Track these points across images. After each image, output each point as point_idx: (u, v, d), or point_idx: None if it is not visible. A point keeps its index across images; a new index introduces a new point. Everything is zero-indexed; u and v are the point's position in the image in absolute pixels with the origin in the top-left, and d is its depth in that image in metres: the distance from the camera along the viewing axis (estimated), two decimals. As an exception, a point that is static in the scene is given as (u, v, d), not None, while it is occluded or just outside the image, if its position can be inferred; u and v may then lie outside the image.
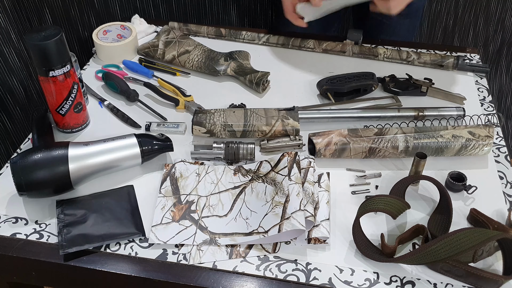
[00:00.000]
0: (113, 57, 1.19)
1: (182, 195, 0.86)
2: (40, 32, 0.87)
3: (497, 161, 0.95)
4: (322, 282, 0.74)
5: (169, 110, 1.06)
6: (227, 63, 1.14)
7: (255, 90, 1.10)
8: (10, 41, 1.29)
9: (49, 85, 0.91)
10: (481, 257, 0.76)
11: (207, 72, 1.15)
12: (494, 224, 0.79)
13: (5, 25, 1.26)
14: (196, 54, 1.17)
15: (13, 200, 0.86)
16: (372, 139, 0.92)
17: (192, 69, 1.16)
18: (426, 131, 0.93)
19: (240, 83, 1.13)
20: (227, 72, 1.14)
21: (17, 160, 0.81)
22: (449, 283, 0.74)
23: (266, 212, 0.81)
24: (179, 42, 1.19)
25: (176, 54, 1.17)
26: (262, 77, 1.09)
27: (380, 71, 1.15)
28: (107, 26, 1.22)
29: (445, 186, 0.88)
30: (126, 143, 0.89)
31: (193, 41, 1.20)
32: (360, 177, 0.91)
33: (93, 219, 0.82)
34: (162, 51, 1.18)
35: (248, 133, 0.96)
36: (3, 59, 1.28)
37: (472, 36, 1.72)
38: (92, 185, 0.88)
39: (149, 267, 0.76)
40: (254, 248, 0.79)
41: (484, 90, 1.13)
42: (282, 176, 0.86)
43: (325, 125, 1.02)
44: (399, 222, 0.83)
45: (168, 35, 1.21)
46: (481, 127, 0.93)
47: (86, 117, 1.01)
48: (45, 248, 0.79)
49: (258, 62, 1.19)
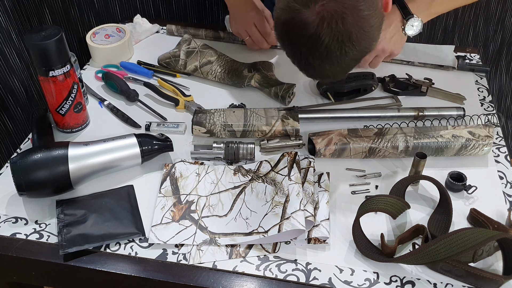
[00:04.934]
0: (109, 60, 1.18)
1: (182, 195, 0.86)
2: (40, 32, 0.87)
3: (497, 161, 0.94)
4: (322, 282, 0.74)
5: (169, 110, 1.06)
6: (251, 74, 1.11)
7: (280, 103, 1.07)
8: (11, 42, 1.29)
9: (49, 85, 0.91)
10: (481, 257, 0.76)
11: (230, 84, 1.12)
12: (494, 224, 0.79)
13: (6, 25, 1.26)
14: (218, 65, 1.13)
15: (13, 200, 0.86)
16: (372, 139, 0.92)
17: (215, 80, 1.13)
18: (426, 131, 0.93)
19: (263, 94, 1.11)
20: (251, 84, 1.11)
21: (17, 160, 0.81)
22: (449, 283, 0.74)
23: (266, 212, 0.81)
24: (200, 52, 1.16)
25: (199, 65, 1.14)
26: (288, 89, 1.06)
27: (380, 71, 1.14)
28: (99, 28, 1.21)
29: (445, 186, 0.88)
30: (126, 143, 0.89)
31: (215, 51, 1.17)
32: (360, 177, 0.91)
33: (93, 219, 0.82)
34: (184, 61, 1.15)
35: (248, 133, 0.96)
36: (4, 60, 1.28)
37: (472, 36, 1.71)
38: (92, 185, 0.88)
39: (149, 267, 0.76)
40: (254, 248, 0.79)
41: (484, 90, 1.12)
42: (282, 176, 0.86)
43: (325, 125, 1.02)
44: (399, 222, 0.83)
45: (189, 45, 1.18)
46: (481, 127, 0.93)
47: (86, 117, 1.01)
48: (45, 248, 0.79)
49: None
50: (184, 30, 1.28)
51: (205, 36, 1.28)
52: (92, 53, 1.19)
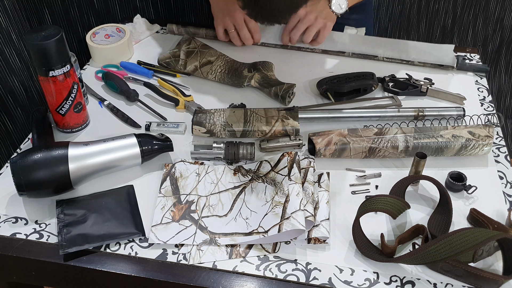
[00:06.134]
0: (109, 60, 1.18)
1: (182, 195, 0.86)
2: (40, 32, 0.87)
3: (497, 161, 0.95)
4: (322, 282, 0.74)
5: (169, 110, 1.06)
6: (251, 74, 1.11)
7: (280, 103, 1.08)
8: (11, 42, 1.29)
9: (49, 85, 0.91)
10: (481, 257, 0.76)
11: (230, 84, 1.12)
12: (494, 224, 0.79)
13: (6, 25, 1.26)
14: (218, 65, 1.13)
15: (13, 200, 0.86)
16: (372, 139, 0.92)
17: (215, 80, 1.13)
18: (426, 131, 0.93)
19: (263, 94, 1.11)
20: (251, 84, 1.11)
21: (17, 160, 0.81)
22: (449, 283, 0.74)
23: (266, 212, 0.81)
24: (200, 52, 1.16)
25: (199, 65, 1.14)
26: (288, 89, 1.05)
27: (380, 71, 1.15)
28: (99, 28, 1.21)
29: (445, 186, 0.88)
30: (126, 143, 0.89)
31: (215, 51, 1.17)
32: (360, 177, 0.91)
33: (93, 219, 0.82)
34: (184, 61, 1.15)
35: (248, 133, 0.96)
36: (4, 60, 1.28)
37: (471, 35, 1.72)
38: (92, 185, 0.88)
39: (149, 267, 0.76)
40: (254, 248, 0.79)
41: (484, 90, 1.13)
42: (282, 176, 0.86)
43: (325, 125, 1.02)
44: (399, 222, 0.83)
45: (189, 45, 1.18)
46: (481, 127, 0.93)
47: (86, 117, 1.01)
48: (45, 248, 0.79)
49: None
50: (185, 30, 1.28)
51: (205, 36, 1.28)
52: (92, 53, 1.19)
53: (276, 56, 1.22)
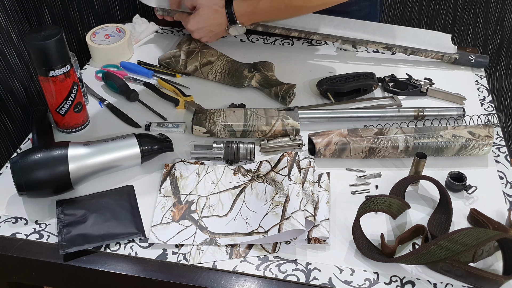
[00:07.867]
0: (109, 60, 1.18)
1: (182, 195, 0.86)
2: (40, 32, 0.87)
3: (497, 161, 0.94)
4: (322, 282, 0.74)
5: (169, 110, 1.06)
6: (251, 74, 1.10)
7: (280, 103, 1.07)
8: (11, 42, 1.29)
9: (49, 85, 0.91)
10: (481, 257, 0.76)
11: (230, 84, 1.12)
12: (494, 224, 0.79)
13: (6, 25, 1.26)
14: (219, 65, 1.13)
15: (13, 200, 0.86)
16: (372, 139, 0.92)
17: (215, 80, 1.13)
18: (426, 131, 0.93)
19: (263, 94, 1.11)
20: (251, 84, 1.10)
21: (17, 160, 0.81)
22: (449, 283, 0.74)
23: (266, 212, 0.81)
24: (201, 52, 1.16)
25: (199, 65, 1.14)
26: (288, 90, 1.05)
27: (380, 71, 1.15)
28: (99, 28, 1.21)
29: (445, 186, 0.88)
30: (126, 143, 0.89)
31: (215, 51, 1.17)
32: (360, 177, 0.91)
33: (93, 219, 0.82)
34: (184, 61, 1.15)
35: (248, 133, 0.96)
36: (4, 60, 1.28)
37: (472, 36, 1.72)
38: (92, 185, 0.88)
39: (149, 267, 0.76)
40: (254, 248, 0.79)
41: (484, 90, 1.13)
42: (282, 176, 0.86)
43: (325, 125, 1.02)
44: (399, 222, 0.83)
45: (190, 45, 1.18)
46: (481, 127, 0.93)
47: (86, 117, 1.01)
48: (45, 248, 0.79)
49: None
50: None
51: None
52: (92, 53, 1.19)
53: (276, 56, 1.22)
